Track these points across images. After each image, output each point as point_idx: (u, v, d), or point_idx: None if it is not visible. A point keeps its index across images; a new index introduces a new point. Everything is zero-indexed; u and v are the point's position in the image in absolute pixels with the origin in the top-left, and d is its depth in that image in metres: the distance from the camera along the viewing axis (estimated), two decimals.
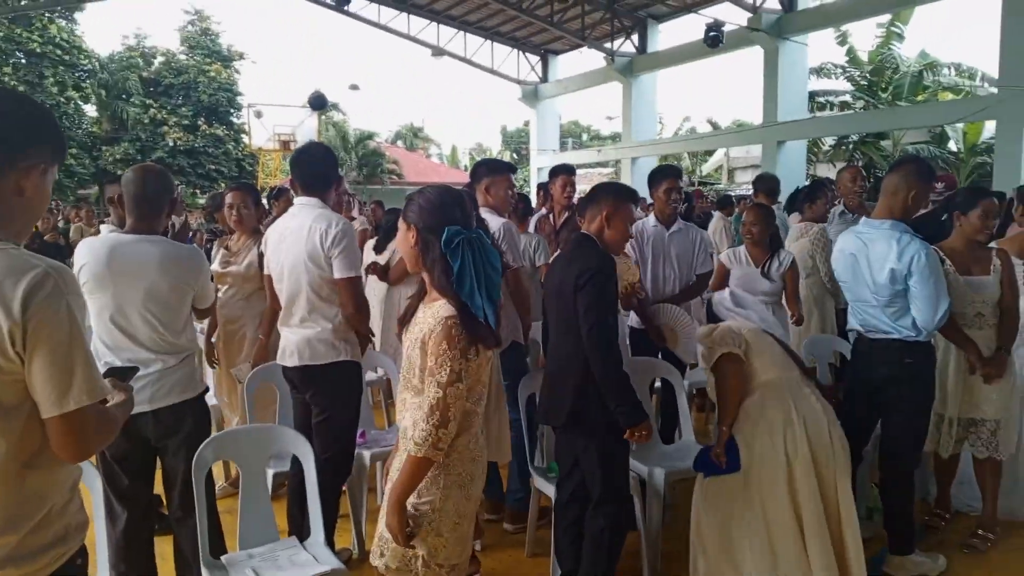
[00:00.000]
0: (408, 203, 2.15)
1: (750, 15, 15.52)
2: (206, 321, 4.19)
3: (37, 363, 1.41)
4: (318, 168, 3.26)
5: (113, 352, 2.73)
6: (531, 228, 5.57)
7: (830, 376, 4.56)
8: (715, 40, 14.73)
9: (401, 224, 2.15)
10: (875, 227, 3.27)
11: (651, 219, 4.46)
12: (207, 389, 3.00)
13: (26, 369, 1.42)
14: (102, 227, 4.32)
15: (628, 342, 4.17)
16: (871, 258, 3.23)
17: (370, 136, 31.34)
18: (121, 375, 1.83)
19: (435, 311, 2.05)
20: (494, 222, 3.62)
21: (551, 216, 5.24)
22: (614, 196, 2.92)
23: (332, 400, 3.21)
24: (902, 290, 3.15)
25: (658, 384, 4.28)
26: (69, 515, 1.58)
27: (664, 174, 4.44)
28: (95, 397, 1.47)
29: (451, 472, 2.08)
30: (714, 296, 3.42)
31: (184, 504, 2.78)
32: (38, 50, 24.59)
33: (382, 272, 5.00)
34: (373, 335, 3.45)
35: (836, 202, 5.65)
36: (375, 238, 5.55)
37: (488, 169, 3.88)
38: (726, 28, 15.26)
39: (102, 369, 1.78)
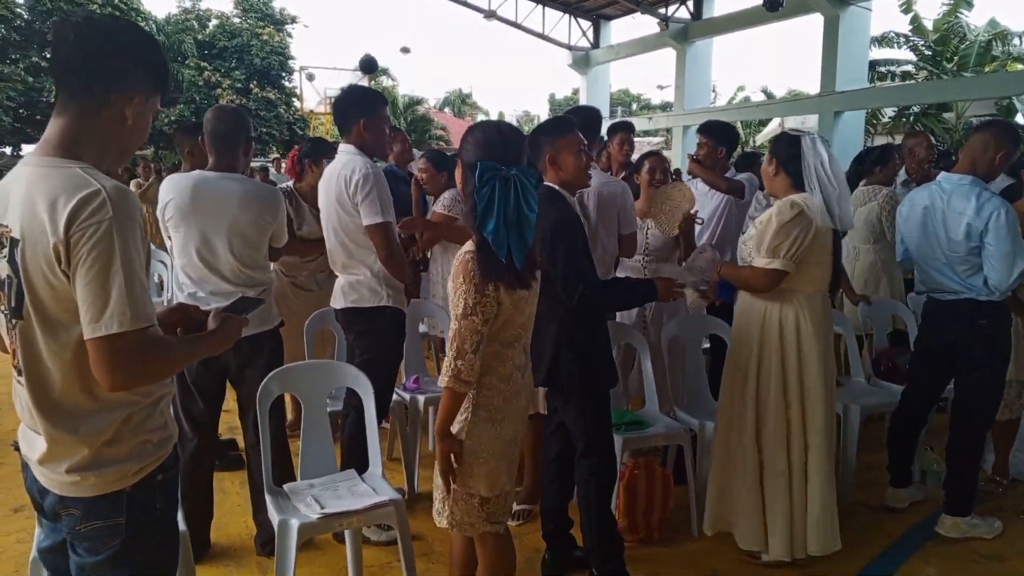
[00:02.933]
0: (462, 138, 2.20)
1: None
2: None
3: (77, 283, 1.39)
4: (341, 107, 3.22)
5: (196, 284, 2.86)
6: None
7: (887, 342, 4.48)
8: (775, 4, 14.28)
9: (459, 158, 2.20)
10: (954, 182, 3.19)
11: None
12: (282, 323, 3.11)
13: (71, 288, 1.40)
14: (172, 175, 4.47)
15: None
16: (947, 213, 3.16)
17: (419, 102, 31.39)
18: (244, 307, 1.77)
19: (465, 246, 2.10)
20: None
21: (609, 174, 5.21)
22: (546, 136, 2.76)
23: (372, 344, 3.25)
24: (976, 247, 3.08)
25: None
26: (148, 431, 1.57)
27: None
28: (128, 325, 1.39)
29: (478, 407, 2.14)
30: None
31: (257, 432, 2.88)
32: (98, 11, 25.00)
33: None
34: (411, 283, 3.39)
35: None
36: None
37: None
38: None
39: (209, 301, 1.69)
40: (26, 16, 24.64)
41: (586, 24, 22.89)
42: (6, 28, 24.24)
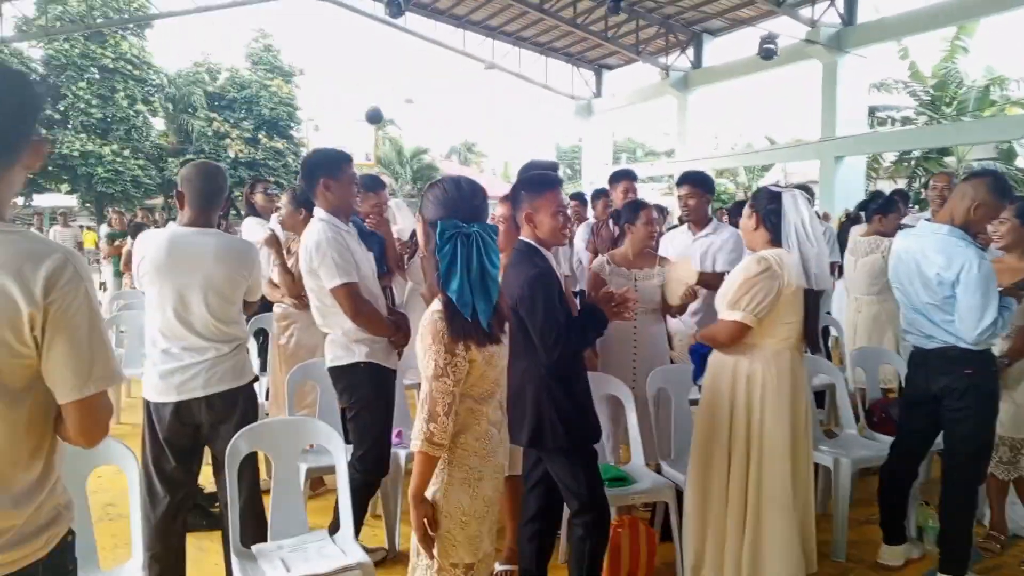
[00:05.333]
0: (423, 196, 2.17)
1: (808, 28, 15.26)
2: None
3: (58, 348, 1.40)
4: (304, 170, 3.32)
5: (169, 340, 2.83)
6: (581, 235, 5.54)
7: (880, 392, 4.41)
8: (769, 53, 14.50)
9: (418, 215, 2.18)
10: (933, 230, 3.17)
11: (682, 225, 4.51)
12: (256, 378, 3.09)
13: (43, 354, 1.40)
14: (169, 225, 4.48)
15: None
16: (922, 261, 3.13)
17: (424, 151, 31.77)
18: None
19: (433, 305, 2.07)
20: None
21: (610, 223, 5.21)
22: (527, 192, 2.78)
23: (354, 400, 3.29)
24: (950, 297, 3.04)
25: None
26: (59, 494, 1.55)
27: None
28: (113, 382, 1.47)
29: (454, 468, 2.08)
30: None
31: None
32: (111, 65, 25.61)
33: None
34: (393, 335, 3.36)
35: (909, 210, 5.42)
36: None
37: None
38: (785, 42, 15.03)
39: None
40: (41, 71, 25.21)
41: (588, 74, 23.27)
42: None
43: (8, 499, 1.44)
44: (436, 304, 2.05)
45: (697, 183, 4.46)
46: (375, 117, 22.11)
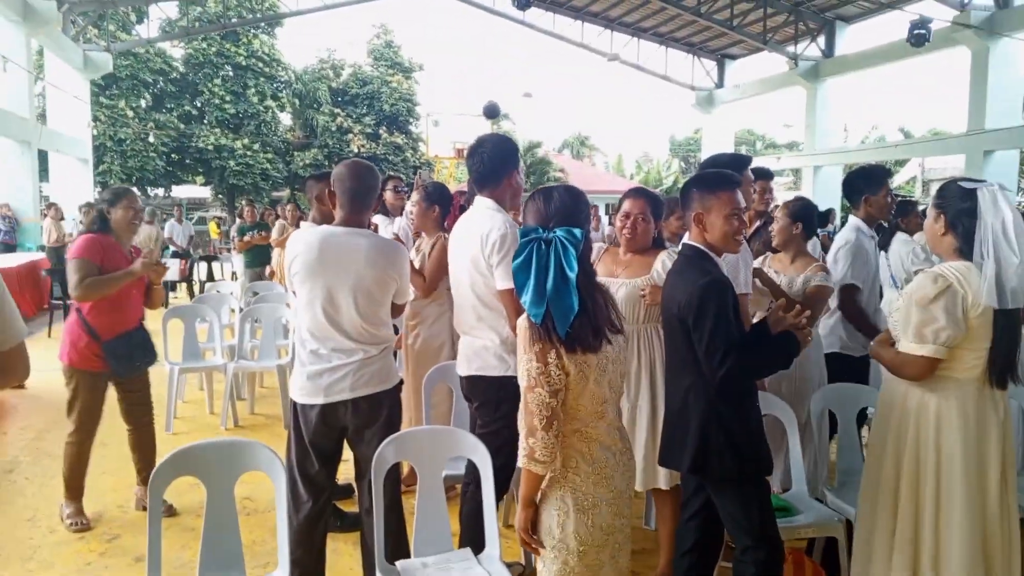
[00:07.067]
0: (524, 208, 2.17)
1: (957, 12, 14.13)
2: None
3: (6, 302, 1.69)
4: (486, 162, 3.03)
5: (318, 340, 2.77)
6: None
7: None
8: (920, 39, 13.48)
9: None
10: None
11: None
12: (402, 381, 3.00)
13: None
14: (302, 224, 4.50)
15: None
16: None
17: (538, 145, 31.79)
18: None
19: (523, 316, 2.02)
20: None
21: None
22: (698, 191, 2.52)
23: (494, 416, 3.04)
24: None
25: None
26: None
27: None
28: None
29: (566, 493, 1.99)
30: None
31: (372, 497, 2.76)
32: (243, 63, 26.89)
33: None
34: None
35: None
36: None
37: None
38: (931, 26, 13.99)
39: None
40: (181, 69, 26.75)
41: (710, 64, 22.54)
42: (164, 81, 26.43)
43: None
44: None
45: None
46: (492, 112, 22.24)
